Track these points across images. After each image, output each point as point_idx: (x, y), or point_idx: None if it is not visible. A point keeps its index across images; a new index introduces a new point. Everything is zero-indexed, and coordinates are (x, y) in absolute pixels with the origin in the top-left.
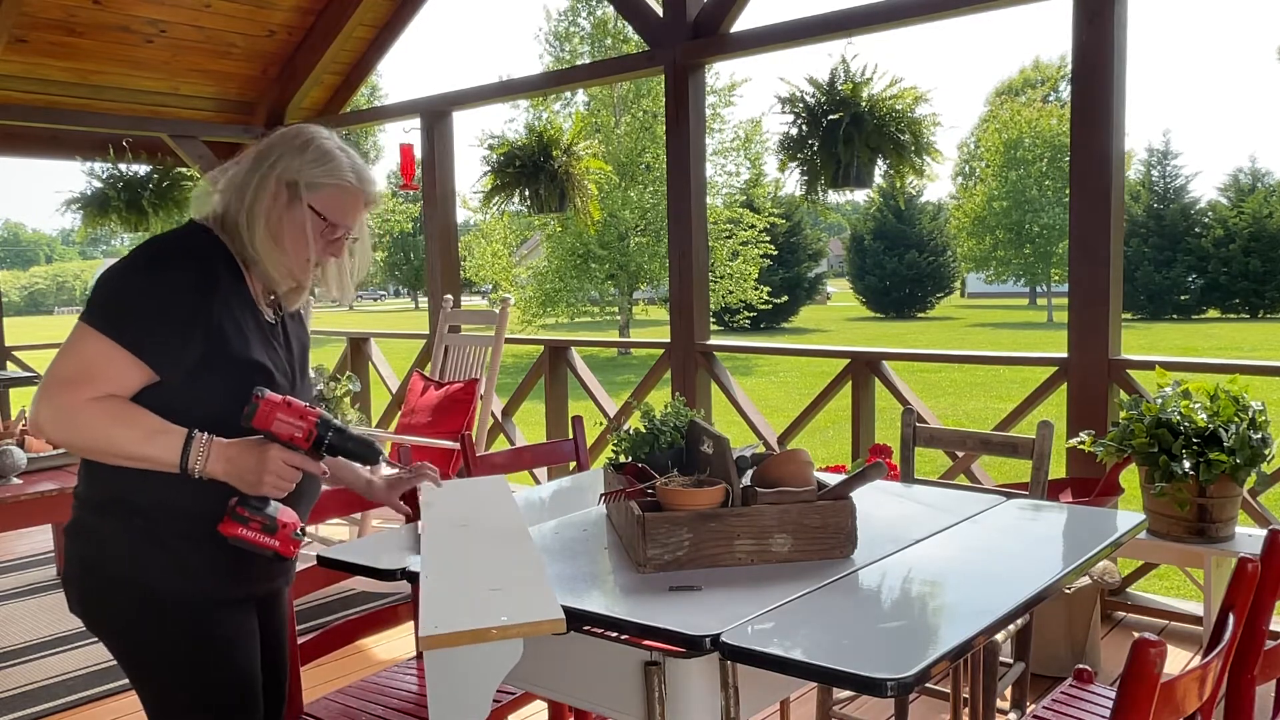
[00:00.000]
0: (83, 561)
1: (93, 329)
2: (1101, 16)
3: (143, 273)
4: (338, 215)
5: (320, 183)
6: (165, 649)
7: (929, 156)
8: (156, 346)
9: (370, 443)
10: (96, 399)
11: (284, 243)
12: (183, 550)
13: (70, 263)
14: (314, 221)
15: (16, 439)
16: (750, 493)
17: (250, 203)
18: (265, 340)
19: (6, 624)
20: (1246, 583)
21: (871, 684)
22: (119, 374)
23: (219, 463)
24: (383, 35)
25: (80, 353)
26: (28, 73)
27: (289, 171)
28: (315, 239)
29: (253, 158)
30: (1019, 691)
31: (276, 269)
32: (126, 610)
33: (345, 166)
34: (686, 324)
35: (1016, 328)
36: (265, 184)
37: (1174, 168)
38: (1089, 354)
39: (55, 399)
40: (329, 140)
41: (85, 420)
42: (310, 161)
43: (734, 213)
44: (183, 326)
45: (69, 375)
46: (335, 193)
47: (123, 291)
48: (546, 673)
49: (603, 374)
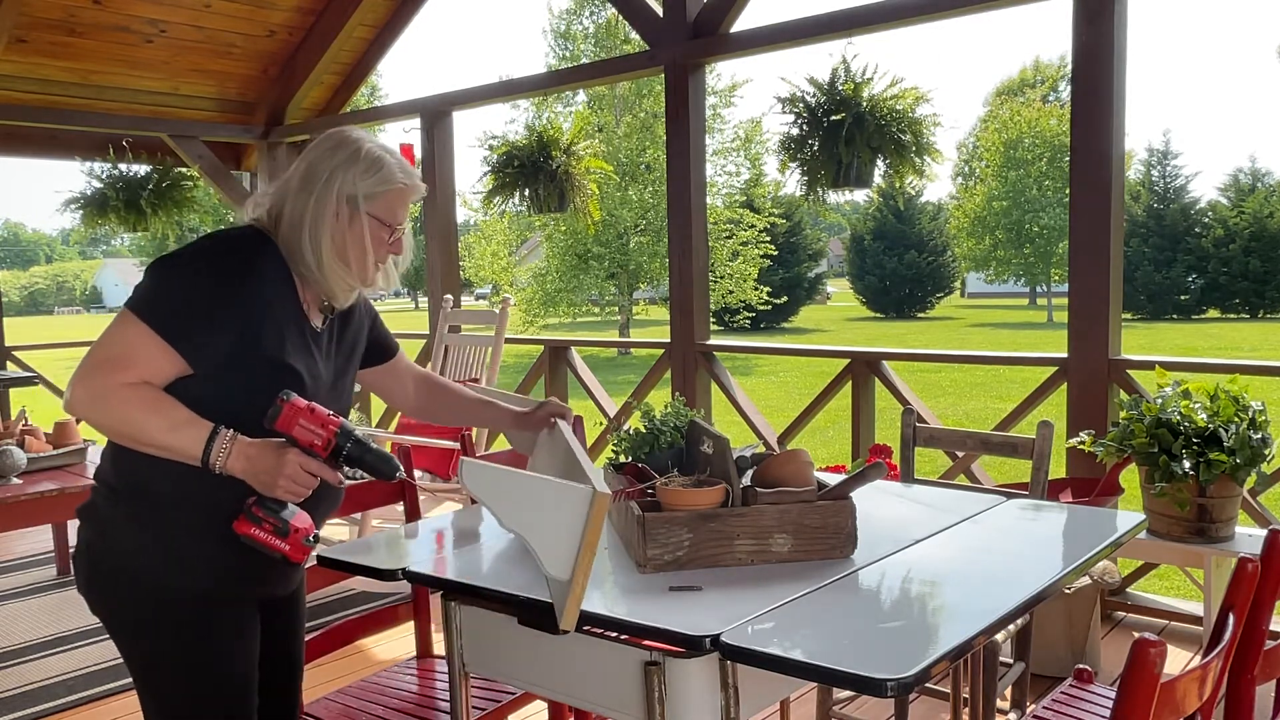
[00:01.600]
0: (90, 545)
1: (134, 315)
2: (1101, 16)
3: (189, 265)
4: (394, 217)
5: (377, 191)
6: (162, 641)
7: (929, 157)
8: (192, 339)
9: (389, 458)
10: (130, 384)
11: (348, 256)
12: (188, 544)
13: (70, 263)
14: (374, 229)
15: (16, 439)
16: (750, 493)
17: (313, 224)
18: (305, 346)
19: (6, 624)
20: (1246, 583)
21: (871, 684)
22: (154, 361)
23: (239, 460)
24: (383, 35)
25: (119, 338)
26: (28, 73)
27: (346, 185)
28: (378, 245)
29: (302, 175)
30: (1019, 691)
31: (340, 284)
32: (128, 599)
33: (395, 168)
34: (686, 324)
35: (1016, 328)
36: (325, 203)
37: (1174, 168)
38: (1089, 354)
39: (91, 380)
40: (372, 143)
41: (116, 404)
42: (364, 171)
43: (734, 213)
44: (219, 322)
45: (106, 358)
46: (391, 196)
47: (168, 282)
48: (546, 673)
49: (603, 374)
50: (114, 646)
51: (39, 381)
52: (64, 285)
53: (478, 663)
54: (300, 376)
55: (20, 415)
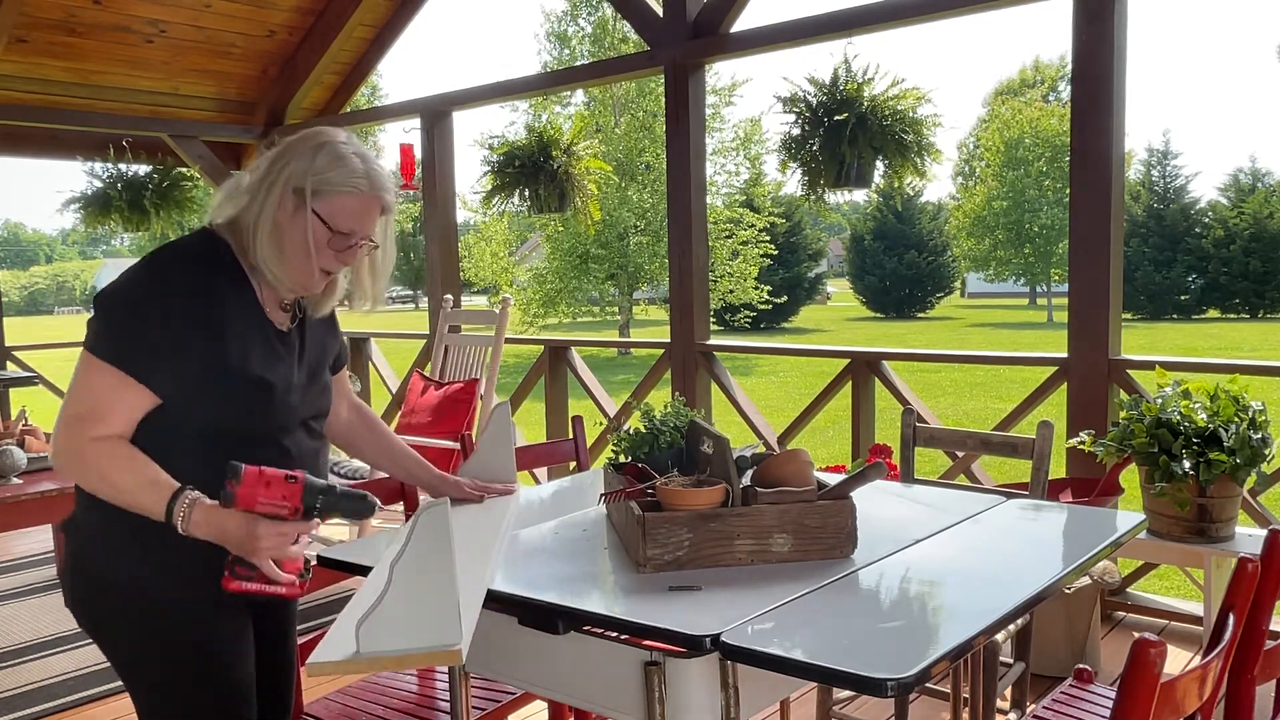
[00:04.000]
0: (75, 557)
1: (96, 359)
2: (1101, 16)
3: (141, 292)
4: (347, 223)
5: (328, 189)
6: (152, 651)
7: (929, 157)
8: (156, 371)
9: (363, 497)
10: (99, 439)
11: (286, 251)
12: (171, 552)
13: (70, 263)
14: (317, 229)
15: (16, 439)
16: (750, 493)
17: (259, 209)
18: (272, 352)
19: (6, 624)
20: (1246, 583)
21: (872, 684)
22: (123, 404)
23: (205, 528)
24: (383, 35)
25: (85, 389)
26: (28, 73)
27: (296, 176)
28: (320, 248)
29: (269, 160)
30: (1019, 691)
31: (280, 278)
32: (115, 610)
33: (358, 171)
34: (686, 324)
35: (1016, 328)
36: (273, 190)
37: (1174, 168)
38: (1089, 354)
39: (63, 437)
40: (345, 145)
41: (88, 462)
42: (320, 167)
43: (734, 213)
44: (180, 347)
45: (76, 414)
46: (345, 199)
47: (123, 314)
48: (546, 673)
49: (603, 374)
50: None
51: (39, 381)
52: (64, 285)
53: (478, 663)
54: (271, 386)
55: (20, 415)
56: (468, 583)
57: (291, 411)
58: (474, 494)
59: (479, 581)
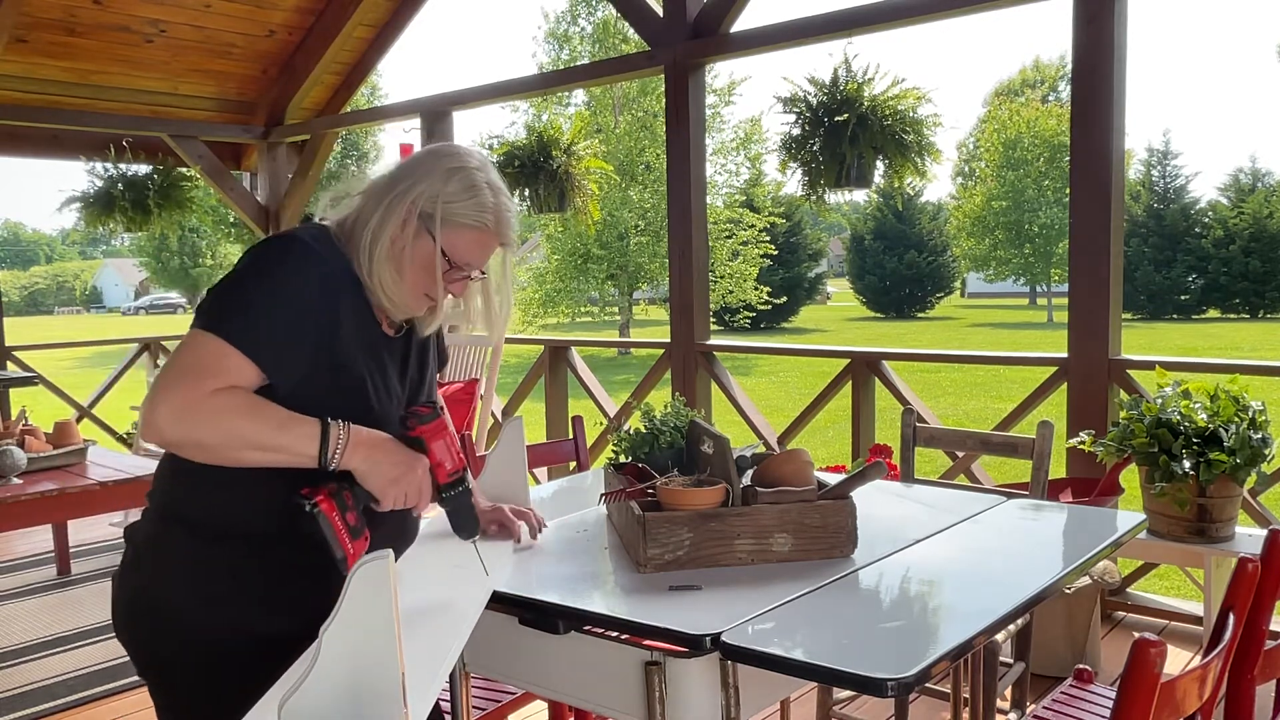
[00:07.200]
0: (128, 567)
1: (205, 332)
2: (1101, 16)
3: (258, 276)
4: (464, 256)
5: (454, 219)
6: (200, 688)
7: (929, 157)
8: (269, 351)
9: (478, 519)
10: (221, 390)
11: (403, 272)
12: (232, 582)
13: (70, 262)
14: (429, 257)
15: (16, 439)
16: (750, 492)
17: (379, 221)
18: (374, 354)
19: (6, 624)
20: (1246, 583)
21: (872, 684)
22: (240, 370)
23: (362, 449)
24: (383, 35)
25: (196, 352)
26: (28, 73)
27: (426, 200)
28: (428, 275)
29: (398, 169)
30: (1019, 691)
31: (391, 297)
32: (163, 636)
33: (487, 206)
34: (686, 324)
35: (1016, 328)
36: (398, 205)
37: (1174, 168)
38: (1089, 354)
39: (175, 394)
40: (479, 172)
41: (210, 413)
42: (452, 194)
43: (734, 213)
44: (297, 333)
45: (188, 368)
46: (469, 233)
47: (238, 295)
48: (546, 673)
49: (603, 374)
50: (114, 646)
51: (39, 381)
52: (64, 285)
53: (478, 663)
54: (372, 388)
55: (20, 415)
56: (427, 646)
57: (389, 420)
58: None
59: (448, 639)
